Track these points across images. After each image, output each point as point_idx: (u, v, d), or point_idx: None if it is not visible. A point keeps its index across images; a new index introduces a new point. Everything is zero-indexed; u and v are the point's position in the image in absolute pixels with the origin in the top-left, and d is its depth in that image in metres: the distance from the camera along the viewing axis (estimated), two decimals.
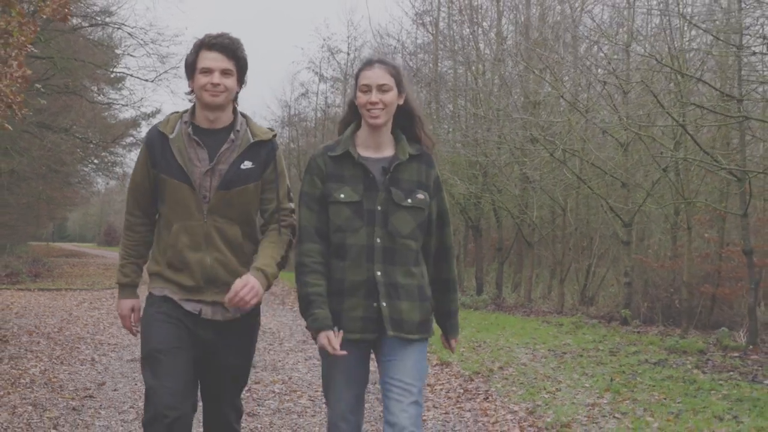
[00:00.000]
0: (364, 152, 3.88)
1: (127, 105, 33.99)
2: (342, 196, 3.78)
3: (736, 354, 10.59)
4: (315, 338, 3.74)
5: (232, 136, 3.96)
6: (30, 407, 7.01)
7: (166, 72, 30.60)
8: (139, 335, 4.05)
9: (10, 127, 11.03)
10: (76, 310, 16.03)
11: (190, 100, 4.07)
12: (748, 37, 11.13)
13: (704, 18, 12.68)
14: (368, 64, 3.90)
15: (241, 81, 4.03)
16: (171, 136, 3.94)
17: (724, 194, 14.19)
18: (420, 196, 3.83)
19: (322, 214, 3.83)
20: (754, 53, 10.56)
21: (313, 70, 37.65)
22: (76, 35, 26.89)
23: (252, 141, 4.00)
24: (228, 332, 3.99)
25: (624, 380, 8.62)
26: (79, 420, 6.71)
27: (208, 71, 3.89)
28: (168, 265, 3.97)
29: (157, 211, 4.10)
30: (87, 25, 28.85)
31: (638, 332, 13.19)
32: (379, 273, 3.74)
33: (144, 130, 35.02)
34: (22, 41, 9.54)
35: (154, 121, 34.80)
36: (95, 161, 37.76)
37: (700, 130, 13.25)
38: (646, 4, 14.47)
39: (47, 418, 6.68)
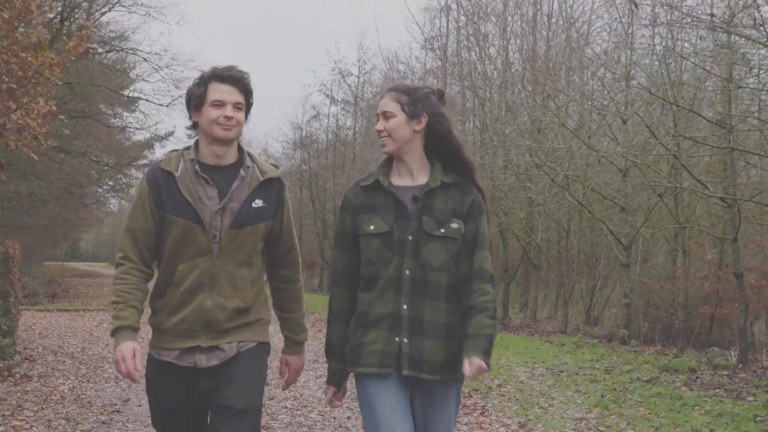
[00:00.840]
0: (398, 181, 3.74)
1: (141, 129, 34.76)
2: (372, 227, 3.65)
3: (726, 372, 11.13)
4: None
5: (242, 172, 3.82)
6: (63, 421, 7.65)
7: (180, 96, 31.49)
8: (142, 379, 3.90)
9: (35, 157, 11.68)
10: (96, 330, 16.68)
11: (190, 136, 3.94)
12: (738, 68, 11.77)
13: (697, 50, 13.28)
14: (380, 95, 3.86)
15: (247, 116, 3.91)
16: (177, 174, 3.77)
17: (720, 218, 14.75)
18: (454, 225, 3.63)
19: (354, 256, 3.74)
20: (739, 87, 11.12)
21: (324, 93, 38.15)
22: (92, 61, 27.62)
23: (262, 179, 3.86)
24: (224, 373, 3.76)
25: (614, 397, 9.20)
26: None
27: (220, 104, 3.73)
28: (164, 308, 3.80)
29: (157, 257, 3.89)
30: (103, 51, 29.69)
31: (635, 351, 13.73)
32: (405, 306, 3.57)
33: (158, 152, 35.72)
34: (51, 80, 10.21)
35: (168, 142, 35.62)
36: (110, 183, 38.46)
37: (694, 157, 13.80)
38: (644, 35, 15.14)
39: (80, 430, 7.31)
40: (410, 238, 3.60)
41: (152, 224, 3.78)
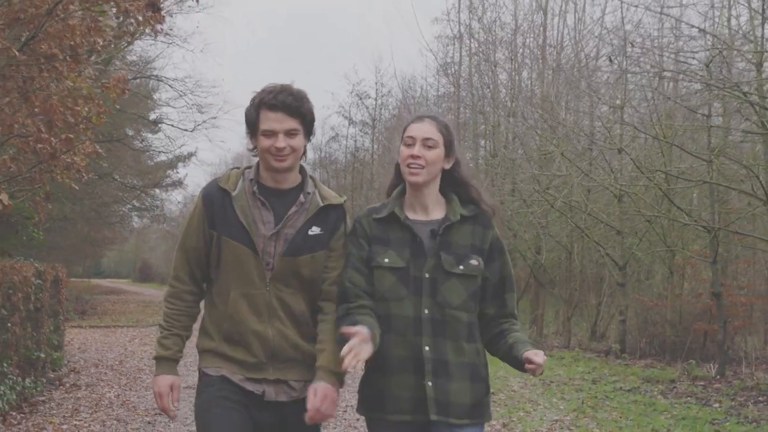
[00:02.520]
0: (413, 215, 3.56)
1: (166, 152, 36.15)
2: (386, 260, 3.47)
3: (702, 383, 12.33)
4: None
5: (301, 197, 3.60)
6: (115, 422, 8.95)
7: (204, 122, 33.03)
8: (174, 415, 3.78)
9: (76, 187, 13.03)
10: (129, 345, 18.01)
11: (254, 155, 3.71)
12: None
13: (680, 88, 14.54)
14: (419, 118, 3.59)
15: (308, 134, 3.66)
16: (234, 194, 3.58)
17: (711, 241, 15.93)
18: (473, 262, 3.48)
19: (370, 278, 3.52)
20: (711, 127, 12.37)
21: (342, 115, 39.12)
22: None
23: (321, 205, 3.62)
24: (292, 413, 3.54)
25: (593, 403, 10.43)
26: (155, 431, 8.63)
27: (271, 134, 3.52)
28: (225, 338, 3.58)
29: (208, 278, 3.71)
30: (132, 77, 31.14)
31: (626, 365, 14.92)
32: (427, 348, 3.39)
33: (181, 171, 36.95)
34: (97, 125, 11.53)
35: (191, 162, 36.89)
36: (135, 203, 39.76)
37: (679, 187, 14.99)
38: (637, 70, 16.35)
39: (130, 428, 8.62)
40: (427, 275, 3.44)
41: (203, 244, 3.62)
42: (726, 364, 13.30)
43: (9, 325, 9.05)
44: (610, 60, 13.28)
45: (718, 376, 12.76)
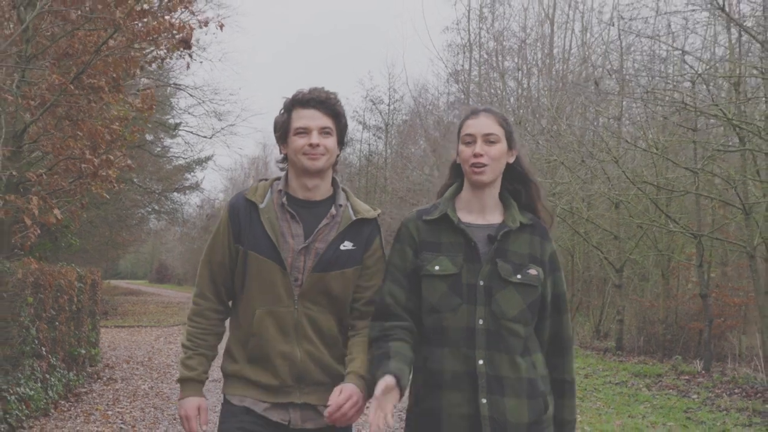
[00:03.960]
0: (466, 217, 3.34)
1: (186, 158, 37.26)
2: (437, 268, 3.23)
3: (687, 377, 13.36)
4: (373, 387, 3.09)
5: (333, 210, 3.43)
6: (152, 409, 10.10)
7: (222, 129, 34.18)
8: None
9: (107, 196, 14.21)
10: (155, 343, 19.20)
11: (282, 169, 3.58)
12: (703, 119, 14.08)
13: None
14: (473, 113, 3.37)
15: (341, 142, 3.51)
16: (261, 206, 3.42)
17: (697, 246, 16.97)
18: (532, 271, 3.24)
19: (412, 293, 3.29)
20: (695, 142, 13.41)
21: (356, 119, 39.96)
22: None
23: (354, 218, 3.45)
24: None
25: (582, 395, 11.46)
26: None
27: (304, 131, 3.38)
28: (249, 359, 3.40)
29: (234, 295, 3.54)
30: (155, 85, 32.28)
31: (621, 361, 15.94)
32: (481, 362, 3.14)
33: (198, 175, 37.99)
34: (131, 142, 12.68)
35: (208, 166, 37.92)
36: (155, 206, 40.82)
37: (671, 195, 16.05)
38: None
39: (167, 414, 9.75)
40: (482, 283, 3.20)
41: (228, 258, 3.46)
42: (713, 360, 14.32)
43: (57, 323, 10.21)
44: (596, 84, 14.28)
45: (703, 372, 13.77)
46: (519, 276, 3.20)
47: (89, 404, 10.30)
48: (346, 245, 3.41)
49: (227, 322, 3.60)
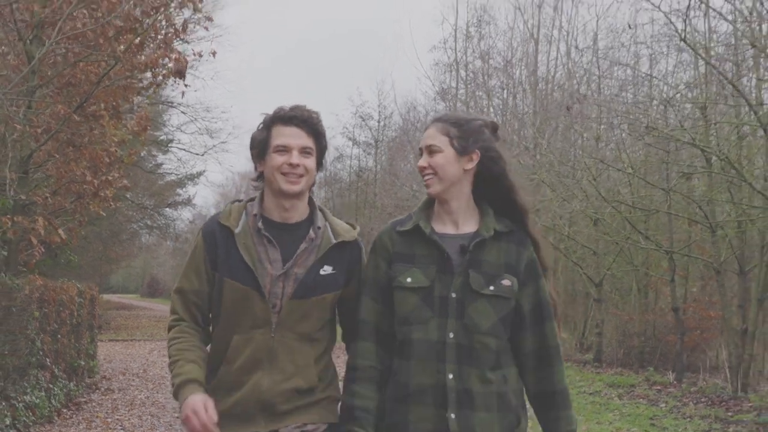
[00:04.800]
0: (441, 228, 3.27)
1: (178, 174, 37.83)
2: (409, 280, 3.19)
3: (659, 387, 13.98)
4: None
5: (311, 233, 3.31)
6: (149, 417, 10.72)
7: (214, 146, 34.75)
8: None
9: (104, 213, 14.83)
10: (149, 356, 19.80)
11: (256, 188, 3.44)
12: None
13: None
14: (426, 127, 3.32)
15: (320, 163, 3.40)
16: (236, 231, 3.28)
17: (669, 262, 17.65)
18: (506, 282, 3.17)
19: (386, 308, 3.26)
20: (666, 162, 14.11)
21: (346, 136, 40.40)
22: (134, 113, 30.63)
23: (334, 241, 3.34)
24: None
25: None
26: None
27: (284, 149, 3.25)
28: (216, 386, 3.29)
29: (210, 322, 3.42)
30: (148, 103, 32.86)
31: (598, 372, 16.56)
32: (450, 376, 3.11)
33: (190, 190, 38.33)
34: (128, 164, 13.32)
35: (200, 181, 38.37)
36: (148, 222, 41.30)
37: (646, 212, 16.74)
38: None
39: (163, 421, 10.37)
40: (454, 295, 3.15)
41: (206, 286, 3.34)
42: (686, 371, 14.97)
43: (59, 336, 10.85)
44: (568, 109, 14.96)
45: (675, 382, 14.40)
46: (492, 287, 3.15)
47: (90, 412, 10.93)
48: (326, 269, 3.30)
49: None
